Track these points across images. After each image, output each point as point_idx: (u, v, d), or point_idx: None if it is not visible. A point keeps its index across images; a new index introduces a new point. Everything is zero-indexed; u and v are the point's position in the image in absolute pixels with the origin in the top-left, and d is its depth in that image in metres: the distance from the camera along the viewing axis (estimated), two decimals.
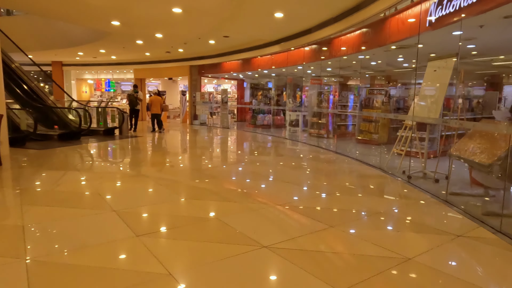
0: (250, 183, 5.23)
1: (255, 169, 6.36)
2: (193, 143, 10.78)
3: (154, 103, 13.10)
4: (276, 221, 3.59)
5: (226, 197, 4.51)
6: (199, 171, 6.29)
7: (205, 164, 7.02)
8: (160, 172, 6.14)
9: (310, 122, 12.40)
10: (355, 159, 7.48)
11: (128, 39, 11.84)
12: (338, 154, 8.13)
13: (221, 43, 12.85)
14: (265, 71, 14.57)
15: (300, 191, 4.87)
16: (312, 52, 10.59)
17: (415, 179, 5.60)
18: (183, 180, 5.50)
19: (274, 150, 8.96)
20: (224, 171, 6.30)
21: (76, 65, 20.05)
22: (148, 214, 3.74)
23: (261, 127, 15.16)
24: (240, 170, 6.27)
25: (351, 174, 6.09)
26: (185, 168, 6.61)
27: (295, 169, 6.38)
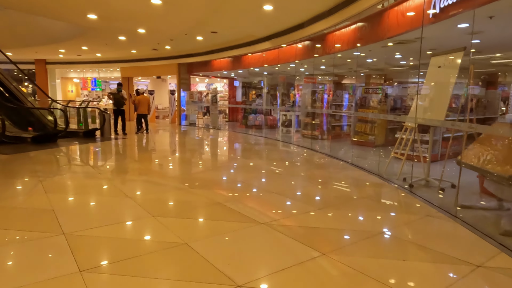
0: (233, 196, 4.61)
1: (240, 178, 5.74)
2: (175, 147, 10.13)
3: (142, 103, 12.48)
4: (257, 247, 2.98)
5: (203, 213, 3.89)
6: (176, 180, 5.65)
7: (184, 173, 6.39)
8: (134, 182, 5.50)
9: (303, 122, 11.81)
10: (350, 163, 6.89)
11: (110, 35, 11.15)
12: (333, 158, 7.55)
13: (209, 39, 12.21)
14: (256, 69, 13.95)
15: (289, 205, 4.26)
16: (305, 49, 10.00)
17: (417, 187, 5.03)
18: (156, 193, 4.87)
19: (263, 154, 8.35)
20: (205, 180, 5.67)
21: (61, 63, 19.26)
22: (104, 238, 3.10)
23: (253, 127, 14.56)
24: (223, 180, 5.64)
25: (347, 182, 5.50)
26: (161, 178, 5.97)
27: (285, 177, 5.77)
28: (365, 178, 5.70)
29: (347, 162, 7.06)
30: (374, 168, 6.37)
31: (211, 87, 25.57)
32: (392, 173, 5.91)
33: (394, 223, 3.72)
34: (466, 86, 7.48)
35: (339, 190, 5.01)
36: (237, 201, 4.25)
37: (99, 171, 6.10)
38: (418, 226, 3.60)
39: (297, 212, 3.94)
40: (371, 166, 6.66)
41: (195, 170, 6.49)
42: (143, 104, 12.50)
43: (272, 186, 5.03)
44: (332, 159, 7.49)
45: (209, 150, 9.20)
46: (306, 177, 5.85)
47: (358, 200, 4.45)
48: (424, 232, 3.48)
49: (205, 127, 15.50)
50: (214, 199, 4.27)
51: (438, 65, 5.02)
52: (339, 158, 7.45)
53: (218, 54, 13.71)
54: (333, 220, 3.72)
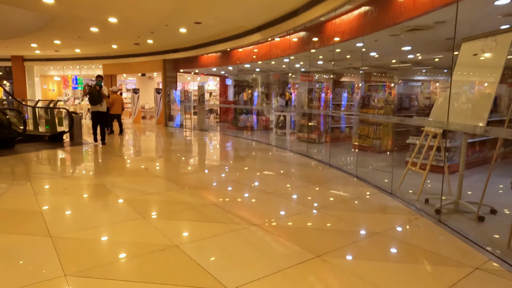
0: (191, 245, 3.37)
1: (208, 211, 4.49)
2: (150, 154, 8.86)
3: (116, 102, 11.52)
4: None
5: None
6: (133, 203, 4.41)
7: (143, 192, 5.14)
8: (76, 204, 4.25)
9: (299, 124, 10.59)
10: (354, 176, 5.67)
11: (79, 26, 9.88)
12: (333, 168, 6.33)
13: (194, 32, 10.97)
14: (247, 65, 12.71)
15: (277, 258, 3.03)
16: (300, 42, 8.77)
17: (447, 214, 3.82)
18: (101, 221, 3.62)
19: (250, 165, 7.11)
20: (166, 205, 4.44)
21: (39, 60, 17.92)
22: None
23: (245, 129, 13.32)
24: (184, 205, 4.41)
25: (354, 208, 4.27)
26: (108, 201, 4.71)
27: (273, 202, 4.53)
28: (376, 199, 4.48)
29: (350, 174, 5.84)
30: (384, 182, 5.16)
31: (204, 85, 24.35)
32: (408, 190, 4.71)
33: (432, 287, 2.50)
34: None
35: (348, 221, 3.78)
36: (200, 246, 3.01)
37: (58, 185, 4.84)
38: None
39: (293, 275, 2.70)
40: (380, 180, 5.45)
41: (164, 191, 5.23)
42: (117, 104, 11.60)
43: (254, 216, 3.80)
44: (332, 169, 6.26)
45: (181, 161, 7.94)
46: (300, 200, 4.62)
47: (376, 242, 3.22)
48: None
49: (193, 128, 14.25)
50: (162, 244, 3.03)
51: (473, 53, 3.81)
52: (341, 169, 6.23)
53: (205, 49, 12.47)
54: (349, 284, 2.48)
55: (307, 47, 8.47)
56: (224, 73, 17.92)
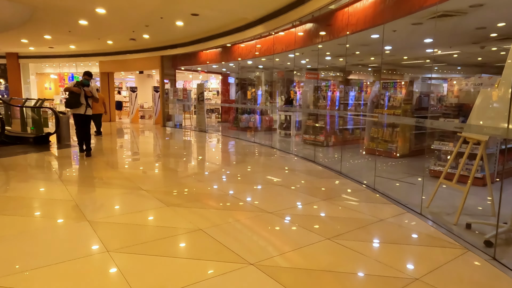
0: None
1: (192, 241, 3.66)
2: (137, 159, 8.05)
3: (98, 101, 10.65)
4: None
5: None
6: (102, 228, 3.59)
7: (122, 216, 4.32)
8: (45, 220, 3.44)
9: (305, 125, 9.73)
10: (372, 188, 4.82)
11: (67, 18, 9.10)
12: (345, 178, 5.47)
13: (192, 25, 10.15)
14: (249, 61, 11.87)
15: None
16: (306, 35, 7.90)
17: (501, 247, 2.95)
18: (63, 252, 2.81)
19: (248, 174, 6.27)
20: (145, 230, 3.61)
21: (34, 57, 17.23)
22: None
23: (246, 130, 12.49)
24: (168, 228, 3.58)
25: (377, 236, 3.42)
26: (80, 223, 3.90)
27: (273, 226, 3.70)
28: (403, 222, 3.63)
29: (366, 186, 4.98)
30: (409, 198, 4.30)
31: (206, 84, 23.56)
32: (440, 208, 3.86)
33: None
34: None
35: (367, 262, 2.92)
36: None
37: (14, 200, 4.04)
38: None
39: None
40: (404, 194, 4.59)
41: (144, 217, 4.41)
42: (98, 103, 10.73)
43: (248, 253, 2.97)
44: (344, 179, 5.41)
45: (166, 169, 7.10)
46: (307, 224, 3.77)
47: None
48: None
49: (192, 129, 13.44)
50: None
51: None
52: (355, 179, 5.37)
53: (204, 44, 11.64)
54: None
55: (315, 40, 7.60)
56: (226, 70, 17.10)
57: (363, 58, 10.98)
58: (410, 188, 5.09)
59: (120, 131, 12.97)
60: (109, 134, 11.97)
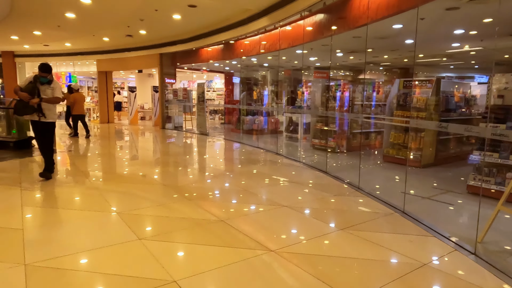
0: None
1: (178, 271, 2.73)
2: (124, 166, 7.17)
3: (78, 102, 10.27)
4: None
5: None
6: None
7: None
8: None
9: (314, 128, 8.77)
10: (401, 210, 3.86)
11: (52, 11, 8.27)
12: (366, 196, 4.52)
13: (191, 19, 9.29)
14: (253, 58, 10.95)
15: None
16: (316, 26, 6.96)
17: None
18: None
19: (246, 190, 5.34)
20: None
21: (30, 56, 16.53)
22: None
23: (250, 132, 11.57)
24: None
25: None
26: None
27: (276, 280, 2.76)
28: (456, 269, 2.67)
29: (394, 207, 4.02)
30: (455, 228, 3.34)
31: (210, 84, 22.73)
32: (498, 245, 2.90)
33: None
34: None
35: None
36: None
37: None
38: None
39: None
40: (446, 221, 3.64)
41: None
42: (79, 103, 10.32)
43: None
44: (366, 198, 4.45)
45: (153, 184, 6.20)
46: (326, 274, 2.83)
47: None
48: None
49: (193, 131, 12.56)
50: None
51: None
52: (379, 198, 4.41)
53: (205, 40, 10.76)
54: None
55: (326, 32, 6.65)
56: (229, 69, 16.22)
57: (378, 55, 9.98)
58: (449, 210, 4.12)
59: (113, 134, 12.15)
60: (99, 137, 11.15)
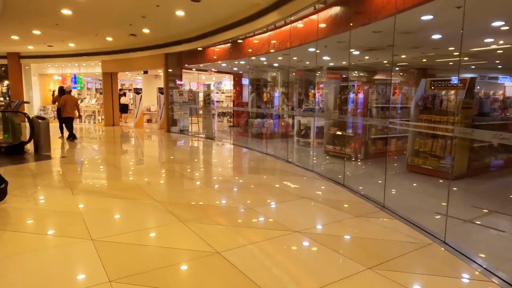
0: None
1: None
2: (114, 177, 6.54)
3: (69, 104, 9.87)
4: None
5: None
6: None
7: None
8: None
9: (328, 134, 8.03)
10: (441, 240, 3.11)
11: (46, 8, 7.76)
12: (395, 218, 3.77)
13: (195, 16, 8.69)
14: (262, 58, 10.27)
15: None
16: (332, 21, 6.24)
17: None
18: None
19: (252, 208, 4.64)
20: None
21: (35, 57, 16.21)
22: None
23: (259, 137, 10.88)
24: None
25: None
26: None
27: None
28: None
29: (431, 235, 3.27)
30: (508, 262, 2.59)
31: (219, 85, 22.15)
32: None
33: None
34: None
35: None
36: None
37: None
38: None
39: None
40: (502, 255, 2.87)
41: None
42: (70, 105, 9.92)
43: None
44: (395, 222, 3.71)
45: (139, 204, 5.52)
46: None
47: None
48: None
49: (199, 135, 11.94)
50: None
51: None
52: (410, 221, 3.66)
53: (211, 39, 10.13)
54: None
55: (343, 27, 5.92)
56: (238, 70, 15.57)
57: (398, 53, 9.18)
58: (502, 240, 3.35)
59: (113, 138, 11.61)
60: (93, 140, 10.62)
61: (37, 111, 16.94)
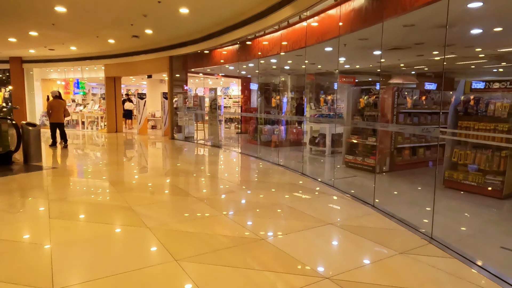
0: None
1: None
2: (97, 194, 5.76)
3: (56, 109, 9.37)
4: None
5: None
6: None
7: None
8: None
9: (347, 143, 7.17)
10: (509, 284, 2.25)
11: (39, 5, 7.12)
12: (447, 253, 2.91)
13: (201, 13, 7.99)
14: (273, 60, 9.48)
15: None
16: (356, 14, 5.43)
17: None
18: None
19: (265, 240, 3.80)
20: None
21: (37, 62, 15.71)
22: None
23: (269, 144, 10.06)
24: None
25: None
26: None
27: None
28: None
29: (505, 281, 2.40)
30: None
31: (227, 90, 21.47)
32: None
33: None
34: None
35: None
36: None
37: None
38: None
39: None
40: None
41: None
42: (57, 110, 9.42)
43: None
44: (451, 260, 2.85)
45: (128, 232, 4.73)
46: None
47: None
48: None
49: (204, 142, 11.17)
50: None
51: None
52: (474, 262, 2.79)
53: (218, 39, 9.41)
54: None
55: (371, 19, 5.10)
56: (246, 74, 14.84)
57: (424, 52, 8.32)
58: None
59: (111, 146, 10.91)
60: (90, 148, 9.92)
61: (39, 117, 16.43)
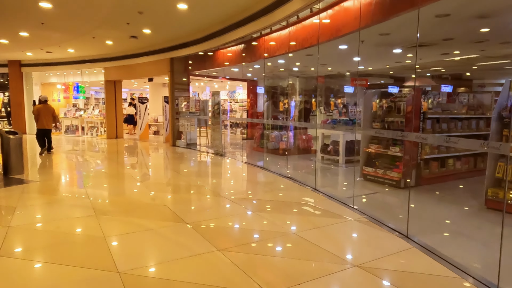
0: None
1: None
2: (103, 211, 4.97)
3: (43, 114, 8.81)
4: None
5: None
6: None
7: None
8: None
9: (364, 153, 6.30)
10: None
11: (23, 2, 6.43)
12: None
13: (200, 9, 7.25)
14: (281, 60, 8.69)
15: None
16: (380, 2, 4.61)
17: None
18: None
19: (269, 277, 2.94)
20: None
21: (36, 65, 15.16)
22: None
23: (276, 152, 9.23)
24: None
25: None
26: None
27: None
28: None
29: None
30: None
31: (233, 94, 20.71)
32: None
33: None
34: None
35: None
36: None
37: None
38: None
39: None
40: None
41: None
42: (45, 116, 8.84)
43: None
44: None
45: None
46: None
47: None
48: None
49: (207, 150, 10.39)
50: None
51: None
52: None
53: (221, 38, 8.65)
54: None
55: (401, 4, 4.28)
56: (251, 76, 14.07)
57: (448, 50, 7.44)
58: None
59: (107, 153, 10.18)
60: (83, 156, 9.18)
61: None
